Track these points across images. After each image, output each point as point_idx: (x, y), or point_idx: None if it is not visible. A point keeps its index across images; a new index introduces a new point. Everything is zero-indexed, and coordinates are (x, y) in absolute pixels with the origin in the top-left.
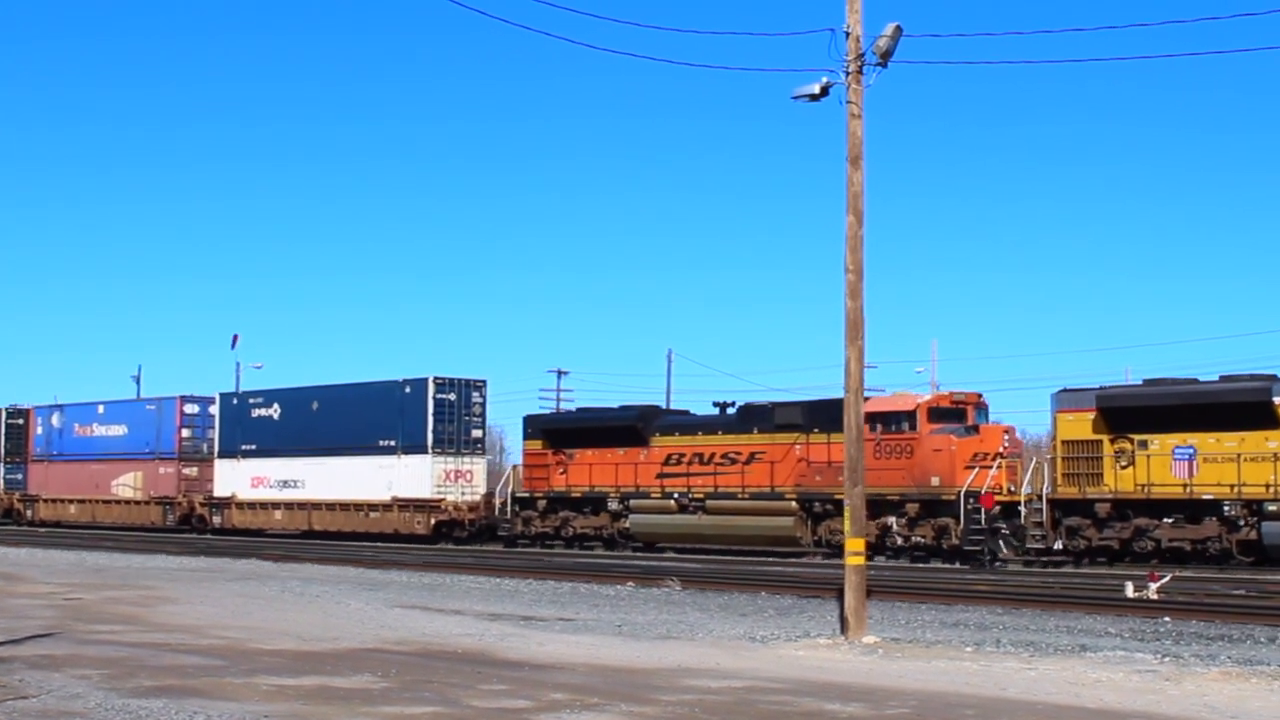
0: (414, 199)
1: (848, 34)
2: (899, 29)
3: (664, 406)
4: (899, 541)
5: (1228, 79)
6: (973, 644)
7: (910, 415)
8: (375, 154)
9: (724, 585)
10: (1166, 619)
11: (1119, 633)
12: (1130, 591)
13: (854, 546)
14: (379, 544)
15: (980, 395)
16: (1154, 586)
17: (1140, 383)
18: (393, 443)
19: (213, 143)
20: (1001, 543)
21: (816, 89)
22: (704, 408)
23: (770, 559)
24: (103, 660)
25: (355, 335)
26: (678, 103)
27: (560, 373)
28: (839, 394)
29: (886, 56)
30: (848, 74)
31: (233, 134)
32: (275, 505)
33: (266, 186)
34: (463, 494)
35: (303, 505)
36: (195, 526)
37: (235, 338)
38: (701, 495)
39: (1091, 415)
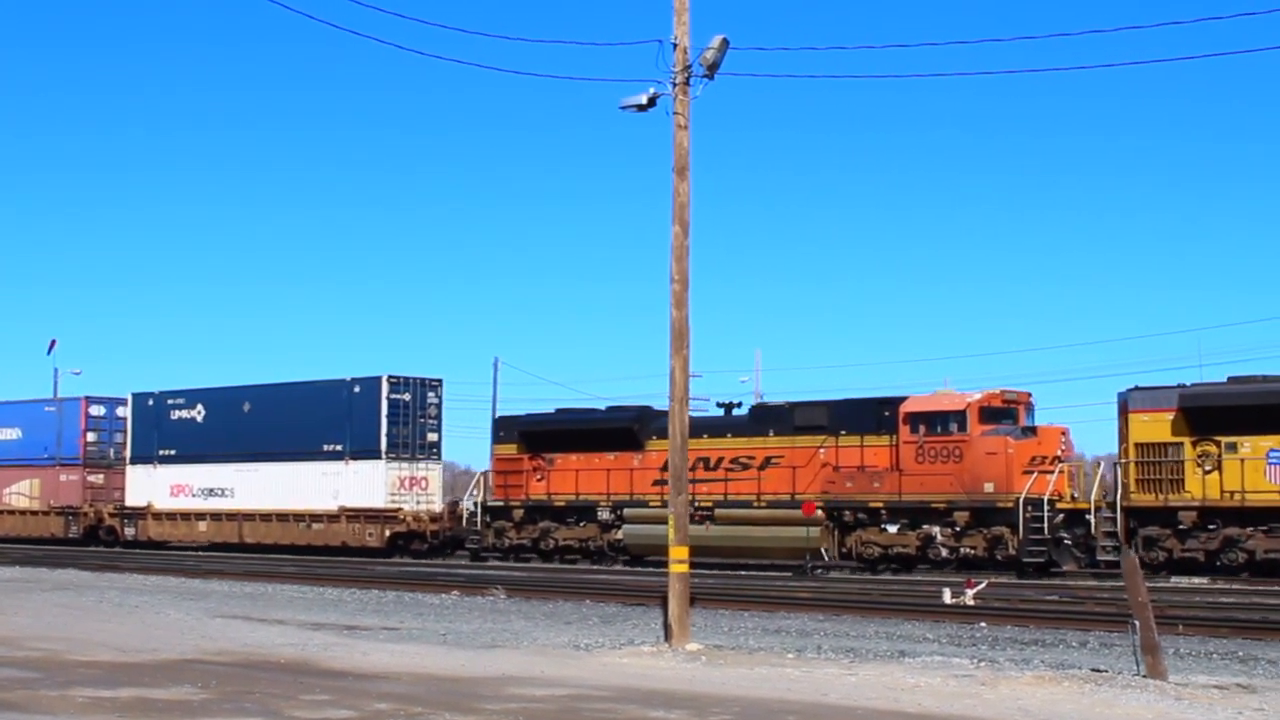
0: (230, 207)
1: (675, 45)
2: (725, 42)
3: (656, 408)
4: (944, 553)
5: (1053, 88)
6: (794, 650)
7: (960, 415)
8: (200, 160)
9: (549, 593)
10: (982, 624)
11: (937, 638)
12: (948, 598)
13: (677, 555)
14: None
15: (1030, 394)
16: (970, 593)
17: (1225, 381)
18: (339, 447)
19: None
20: (1066, 554)
21: (644, 99)
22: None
23: (595, 568)
24: None
25: (167, 340)
26: (505, 111)
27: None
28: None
29: (713, 69)
30: (675, 85)
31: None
32: (199, 515)
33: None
34: (418, 503)
35: (232, 516)
36: (104, 539)
37: (52, 342)
38: (709, 504)
39: (1171, 416)
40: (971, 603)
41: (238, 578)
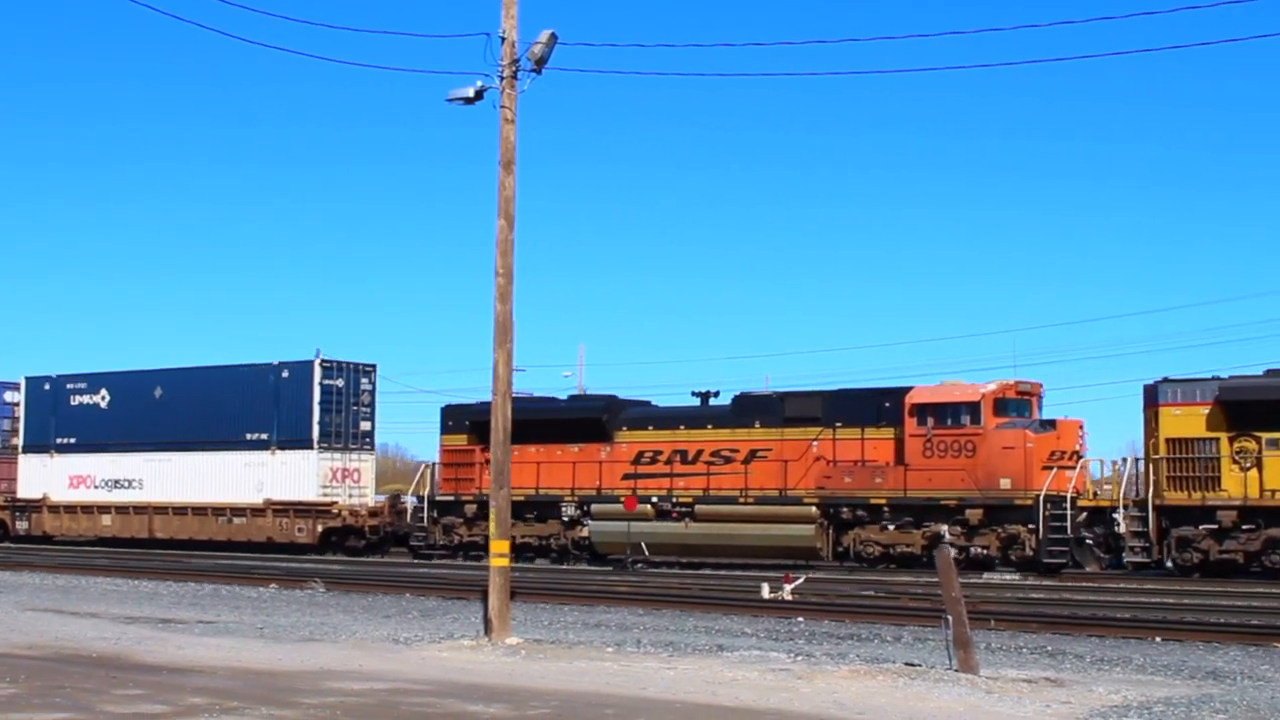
0: (69, 206)
1: (503, 39)
2: (554, 36)
3: (623, 397)
4: (953, 553)
5: (880, 88)
6: (614, 644)
7: (973, 407)
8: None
9: (368, 587)
10: (800, 619)
11: (755, 633)
12: (766, 593)
13: (498, 548)
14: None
15: (1041, 385)
16: (789, 588)
17: (1263, 373)
18: (265, 436)
19: None
20: (1088, 554)
21: (471, 92)
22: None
23: (415, 562)
24: None
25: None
26: (330, 102)
27: None
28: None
29: (541, 63)
30: (502, 79)
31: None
32: (103, 508)
33: None
34: (350, 495)
35: (141, 508)
36: None
37: None
38: (689, 500)
39: (1206, 410)
40: (789, 598)
41: (49, 570)
